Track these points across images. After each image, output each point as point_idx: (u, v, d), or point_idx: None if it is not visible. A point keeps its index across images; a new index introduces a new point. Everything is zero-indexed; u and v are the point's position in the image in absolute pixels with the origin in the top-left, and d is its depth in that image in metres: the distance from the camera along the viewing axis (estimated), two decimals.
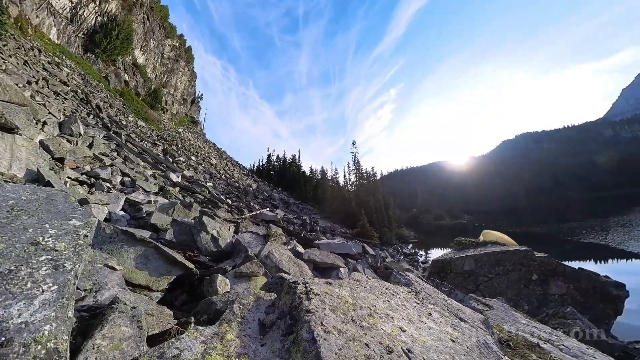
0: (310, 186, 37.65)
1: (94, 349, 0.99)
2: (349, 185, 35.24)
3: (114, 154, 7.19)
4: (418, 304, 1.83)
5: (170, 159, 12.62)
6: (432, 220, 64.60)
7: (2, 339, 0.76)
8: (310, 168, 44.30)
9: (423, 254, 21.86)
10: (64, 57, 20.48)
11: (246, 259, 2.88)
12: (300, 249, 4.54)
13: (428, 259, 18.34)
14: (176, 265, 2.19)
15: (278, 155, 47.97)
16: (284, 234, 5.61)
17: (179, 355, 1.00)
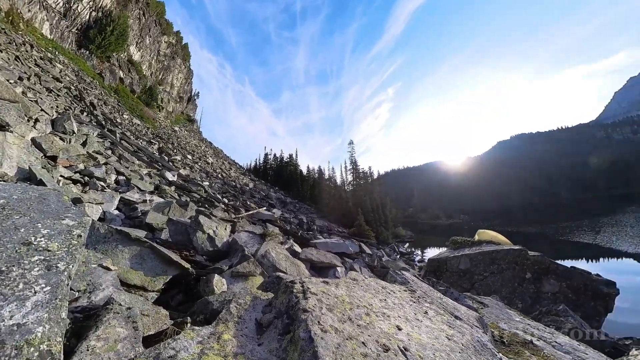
0: (308, 185, 37.65)
1: (88, 350, 0.98)
2: (346, 184, 35.34)
3: (109, 152, 7.09)
4: (414, 302, 1.85)
5: (166, 158, 12.49)
6: (428, 219, 65.18)
7: None
8: (308, 167, 44.35)
9: (419, 253, 22.05)
10: (57, 53, 20.08)
11: (243, 258, 2.87)
12: (297, 248, 4.54)
13: (424, 258, 18.50)
14: (172, 265, 2.17)
15: (275, 154, 47.89)
16: (280, 233, 5.60)
17: (175, 355, 0.99)
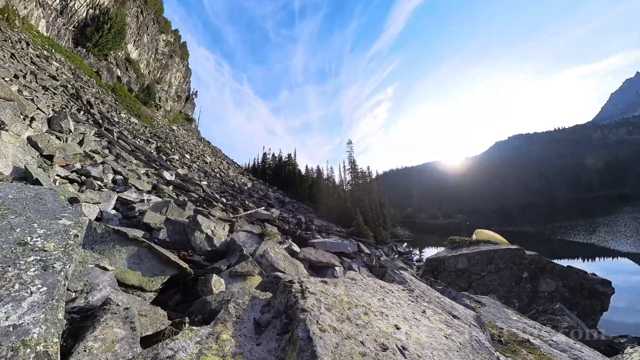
0: (306, 185, 37.64)
1: (85, 351, 0.97)
2: (344, 184, 35.38)
3: (106, 151, 7.04)
4: (412, 301, 1.85)
5: (164, 157, 12.42)
6: (426, 219, 65.43)
7: None
8: (306, 167, 44.29)
9: (417, 252, 22.13)
10: (53, 51, 19.87)
11: (241, 258, 2.86)
12: (295, 247, 4.54)
13: (422, 257, 18.58)
14: (170, 265, 2.16)
15: (274, 154, 47.79)
16: (279, 232, 5.59)
17: (174, 356, 0.99)
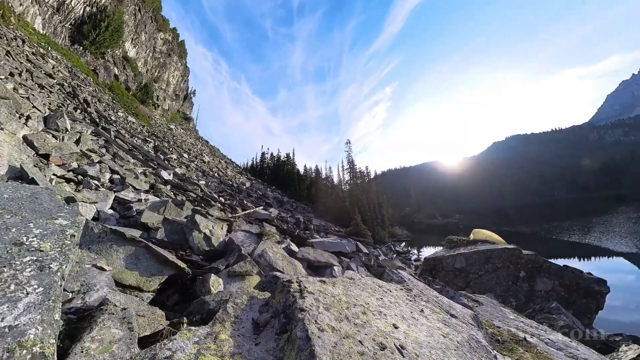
0: (305, 185, 37.63)
1: (82, 352, 0.97)
2: (342, 184, 35.42)
3: (103, 150, 6.99)
4: (410, 301, 1.86)
5: (162, 156, 12.35)
6: (424, 219, 65.67)
7: None
8: (305, 167, 44.27)
9: (415, 252, 22.22)
10: (49, 48, 19.66)
11: (239, 258, 2.86)
12: (294, 247, 4.54)
13: (420, 257, 18.65)
14: (168, 265, 2.15)
15: (272, 154, 47.72)
16: (277, 232, 5.58)
17: (172, 356, 0.98)
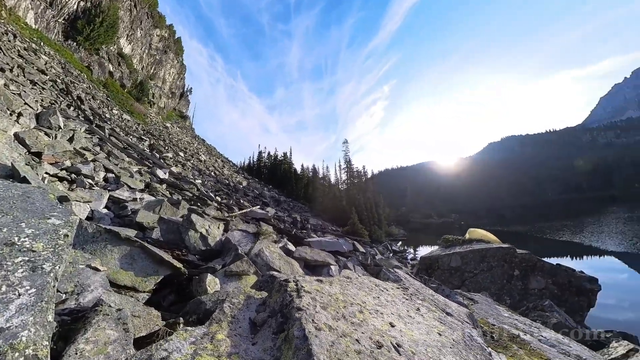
0: (302, 184, 37.58)
1: (77, 354, 0.95)
2: (340, 183, 35.46)
3: (97, 148, 6.88)
4: (407, 299, 1.88)
5: (157, 155, 12.22)
6: (421, 218, 66.21)
7: None
8: (302, 166, 44.14)
9: (412, 251, 22.40)
10: (42, 44, 19.24)
11: (236, 257, 2.85)
12: (291, 247, 4.53)
13: (416, 256, 18.80)
14: (163, 265, 2.13)
15: (269, 153, 47.53)
16: (274, 232, 5.57)
17: (168, 357, 0.98)
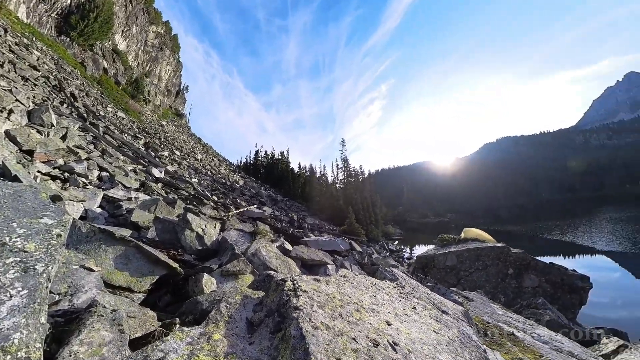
0: (299, 183, 37.53)
1: (71, 356, 0.94)
2: (337, 183, 35.51)
3: (91, 146, 6.78)
4: (403, 298, 1.89)
5: (153, 153, 12.08)
6: (417, 218, 66.78)
7: None
8: (299, 165, 44.08)
9: (408, 250, 22.57)
10: (34, 39, 18.82)
11: (233, 257, 2.83)
12: (288, 246, 4.53)
13: (413, 255, 18.95)
14: (159, 265, 2.11)
15: (266, 152, 47.33)
16: (271, 231, 5.56)
17: (164, 357, 0.97)
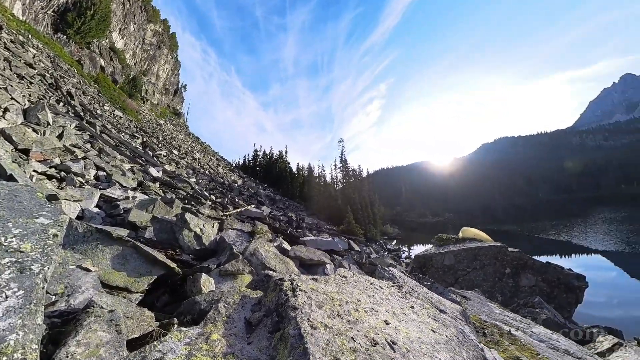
0: (297, 183, 37.51)
1: (67, 357, 0.93)
2: (335, 182, 35.53)
3: (88, 145, 6.72)
4: (401, 297, 1.90)
5: (150, 153, 12.01)
6: (415, 217, 67.07)
7: None
8: (297, 165, 44.05)
9: (406, 249, 22.66)
10: (30, 36, 18.59)
11: (231, 256, 2.82)
12: (286, 245, 4.52)
13: (411, 254, 19.02)
14: (157, 265, 2.10)
15: (264, 151, 47.24)
16: (269, 231, 5.55)
17: (162, 358, 0.97)
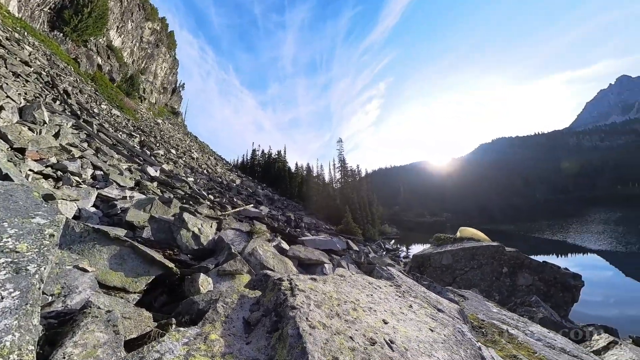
0: (296, 182, 37.47)
1: (64, 358, 0.92)
2: (334, 182, 35.54)
3: (84, 145, 6.67)
4: (399, 296, 1.91)
5: (148, 152, 11.94)
6: (413, 217, 67.34)
7: None
8: (296, 164, 44.01)
9: (404, 249, 22.73)
10: (25, 34, 18.39)
11: (229, 256, 2.82)
12: (284, 245, 4.52)
13: (409, 254, 19.09)
14: (155, 265, 2.09)
15: (263, 151, 47.14)
16: (268, 230, 5.54)
17: (160, 358, 0.96)
